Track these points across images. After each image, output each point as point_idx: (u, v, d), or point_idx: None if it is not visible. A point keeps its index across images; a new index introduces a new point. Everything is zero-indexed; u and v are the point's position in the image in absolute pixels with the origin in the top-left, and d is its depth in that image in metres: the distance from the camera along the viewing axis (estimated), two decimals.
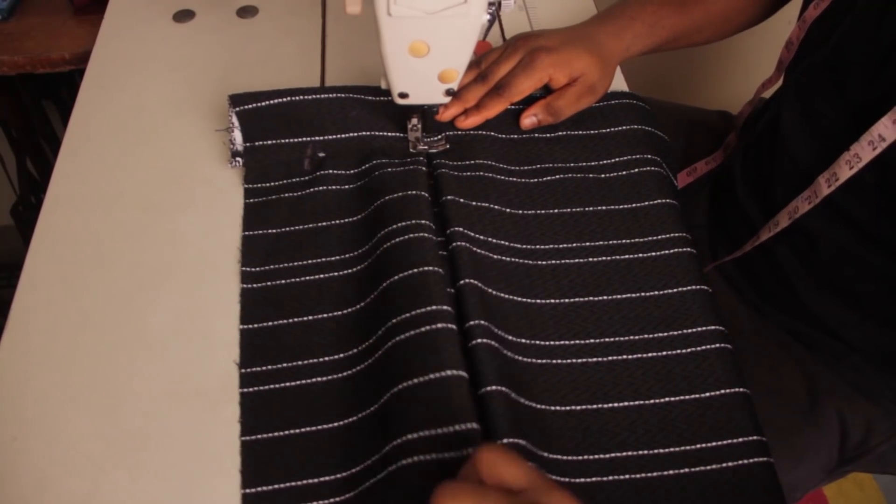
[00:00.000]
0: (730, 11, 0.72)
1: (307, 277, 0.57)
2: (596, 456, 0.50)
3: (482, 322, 0.52)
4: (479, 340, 0.51)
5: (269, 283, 0.57)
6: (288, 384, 0.52)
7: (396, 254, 0.56)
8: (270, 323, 0.55)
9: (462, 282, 0.54)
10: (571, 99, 0.65)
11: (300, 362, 0.53)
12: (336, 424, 0.51)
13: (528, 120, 0.65)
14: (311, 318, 0.55)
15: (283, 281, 0.57)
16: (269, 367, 0.53)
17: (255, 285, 0.57)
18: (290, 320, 0.55)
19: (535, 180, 0.64)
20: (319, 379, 0.53)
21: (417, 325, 0.51)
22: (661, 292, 0.57)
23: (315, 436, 0.50)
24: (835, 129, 0.59)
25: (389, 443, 0.48)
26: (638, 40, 0.68)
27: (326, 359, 0.54)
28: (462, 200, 0.60)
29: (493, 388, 0.49)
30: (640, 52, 0.69)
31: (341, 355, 0.54)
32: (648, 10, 0.68)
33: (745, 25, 0.75)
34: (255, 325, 0.55)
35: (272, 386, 0.52)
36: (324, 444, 0.50)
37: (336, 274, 0.58)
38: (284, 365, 0.53)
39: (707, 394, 0.52)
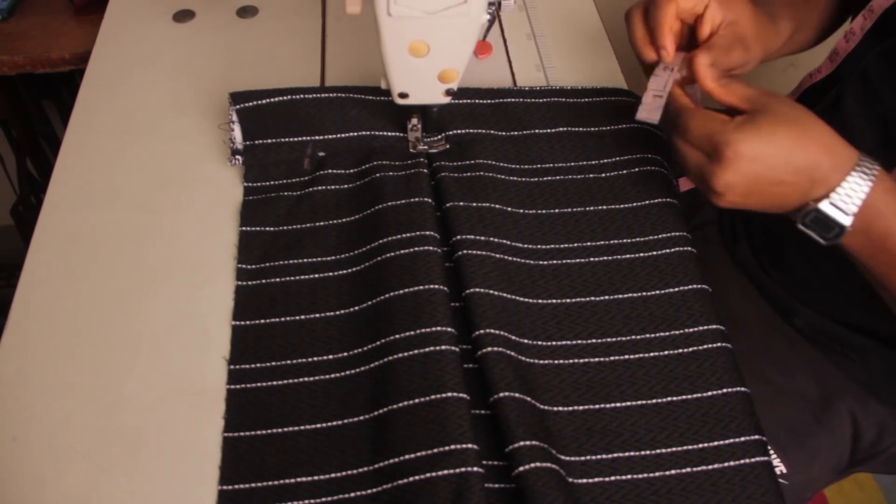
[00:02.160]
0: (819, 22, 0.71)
1: (302, 276, 0.57)
2: (598, 456, 0.50)
3: (491, 330, 0.53)
4: (489, 349, 0.51)
5: (263, 281, 0.57)
6: (275, 383, 0.52)
7: (401, 266, 0.56)
8: (263, 321, 0.55)
9: (469, 290, 0.55)
10: (722, 49, 0.58)
11: (289, 361, 0.53)
12: (320, 426, 0.51)
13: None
14: (303, 317, 0.55)
15: (277, 279, 0.57)
16: (258, 364, 0.53)
17: (249, 283, 0.57)
18: (283, 319, 0.55)
19: (536, 179, 0.63)
20: (306, 379, 0.53)
21: (421, 345, 0.51)
22: (662, 291, 0.57)
23: (297, 436, 0.50)
24: None
25: (385, 459, 0.48)
26: (788, 25, 0.66)
27: (315, 359, 0.54)
28: (463, 204, 0.60)
29: (505, 394, 0.49)
30: (783, 39, 0.66)
31: (330, 357, 0.54)
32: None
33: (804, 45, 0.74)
34: (248, 323, 0.55)
35: (259, 384, 0.52)
36: (305, 444, 0.50)
37: (331, 274, 0.58)
38: (273, 363, 0.53)
39: (709, 393, 0.52)
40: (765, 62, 0.68)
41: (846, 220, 0.50)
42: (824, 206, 0.51)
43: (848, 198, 0.50)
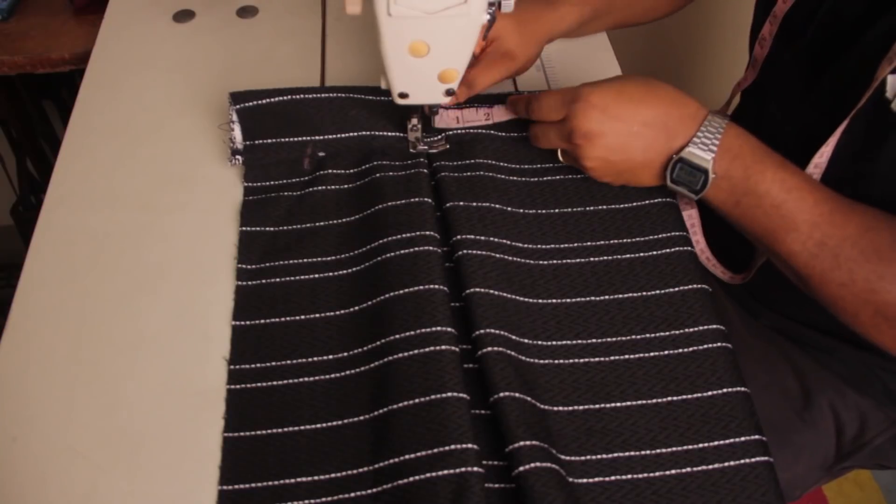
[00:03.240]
0: None
1: (302, 277, 0.57)
2: (599, 456, 0.50)
3: (491, 330, 0.53)
4: (489, 349, 0.52)
5: (263, 281, 0.57)
6: (275, 383, 0.52)
7: (401, 266, 0.56)
8: (263, 321, 0.55)
9: (469, 290, 0.55)
10: (483, 66, 0.63)
11: (289, 361, 0.53)
12: (320, 426, 0.51)
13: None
14: (303, 317, 0.55)
15: (277, 279, 0.57)
16: (258, 364, 0.53)
17: (249, 283, 0.57)
18: (283, 319, 0.55)
19: (536, 179, 0.64)
20: (306, 379, 0.53)
21: (421, 345, 0.51)
22: (662, 291, 0.57)
23: (297, 436, 0.50)
24: (819, 112, 0.60)
25: (385, 459, 0.48)
26: (572, 10, 0.68)
27: (315, 359, 0.54)
28: (463, 204, 0.60)
29: (505, 394, 0.49)
30: (573, 23, 0.69)
31: (330, 357, 0.54)
32: None
33: (650, 15, 0.76)
34: (248, 323, 0.55)
35: (259, 384, 0.52)
36: (305, 444, 0.50)
37: (331, 274, 0.58)
38: (273, 363, 0.53)
39: (709, 393, 0.52)
40: (578, 36, 0.73)
41: (708, 158, 0.54)
42: (686, 152, 0.55)
43: (707, 140, 0.54)
